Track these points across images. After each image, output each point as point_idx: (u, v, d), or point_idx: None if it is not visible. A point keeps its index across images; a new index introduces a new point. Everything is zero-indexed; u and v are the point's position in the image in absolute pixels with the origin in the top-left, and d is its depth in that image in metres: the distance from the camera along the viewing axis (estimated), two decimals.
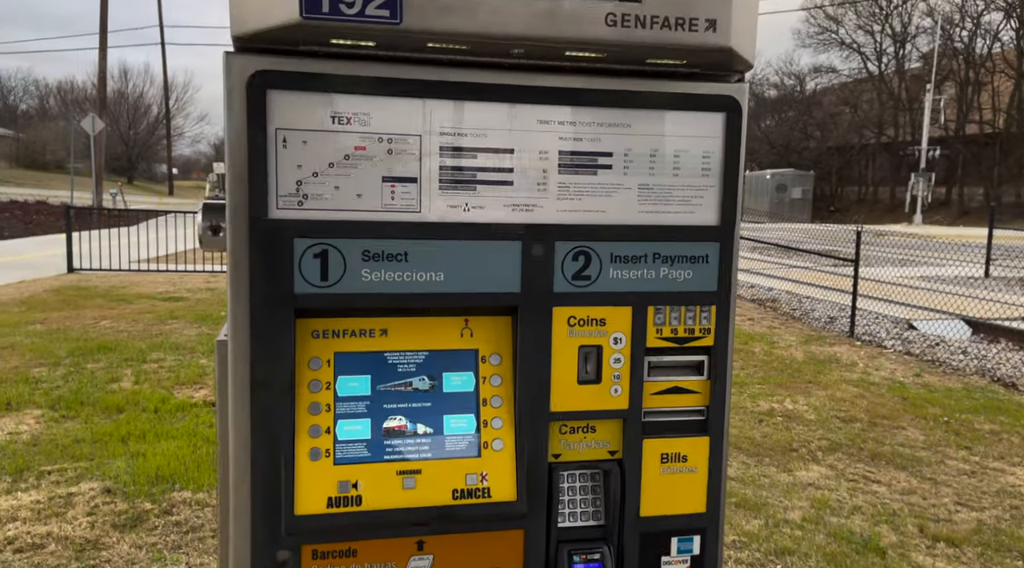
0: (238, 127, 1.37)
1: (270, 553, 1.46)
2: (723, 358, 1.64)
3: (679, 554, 1.66)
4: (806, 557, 4.02)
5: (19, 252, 16.01)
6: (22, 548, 3.76)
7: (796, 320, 11.41)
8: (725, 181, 1.60)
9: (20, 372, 6.68)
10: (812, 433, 6.08)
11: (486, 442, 1.54)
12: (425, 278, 1.48)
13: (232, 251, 1.40)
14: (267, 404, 1.43)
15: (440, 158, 1.47)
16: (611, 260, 1.56)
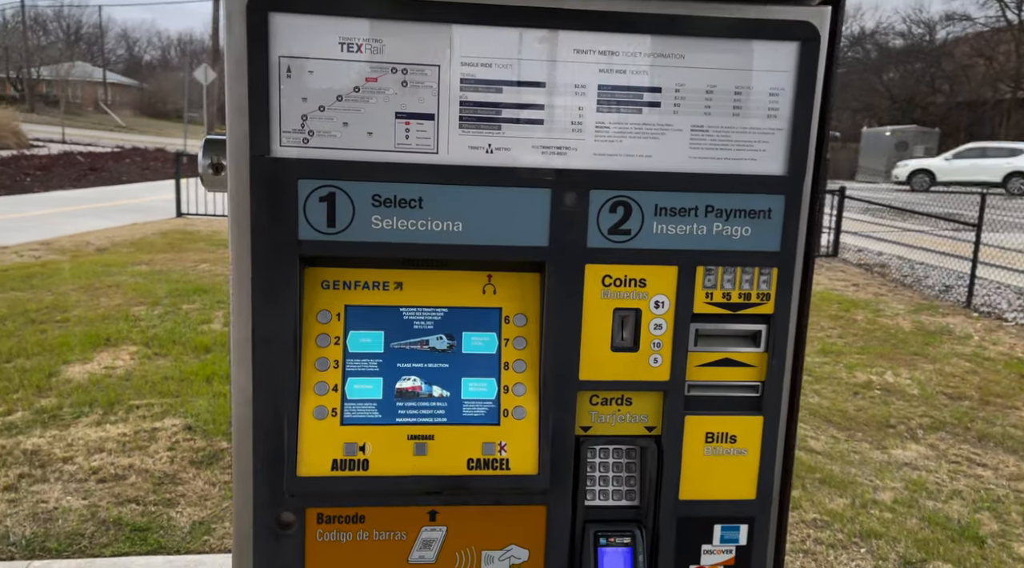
0: (238, 54, 1.25)
1: (273, 514, 1.38)
2: (784, 328, 1.44)
3: (722, 543, 1.48)
4: (894, 542, 3.74)
5: (135, 196, 16.87)
6: (105, 478, 3.93)
7: (906, 287, 10.69)
8: (796, 124, 1.37)
9: (122, 310, 7.01)
10: (913, 409, 5.66)
11: (507, 410, 1.40)
12: (442, 227, 1.34)
13: (232, 192, 1.30)
14: (270, 358, 1.34)
15: (461, 92, 1.31)
16: (655, 212, 1.37)
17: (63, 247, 10.45)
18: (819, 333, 7.73)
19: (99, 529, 3.47)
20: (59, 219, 13.13)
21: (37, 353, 5.74)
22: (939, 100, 44.31)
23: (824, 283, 10.64)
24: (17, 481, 3.87)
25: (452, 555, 1.43)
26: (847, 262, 12.55)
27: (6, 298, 7.34)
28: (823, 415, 5.43)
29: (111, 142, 31.35)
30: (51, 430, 4.46)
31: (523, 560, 1.45)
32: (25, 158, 22.60)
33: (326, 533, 1.40)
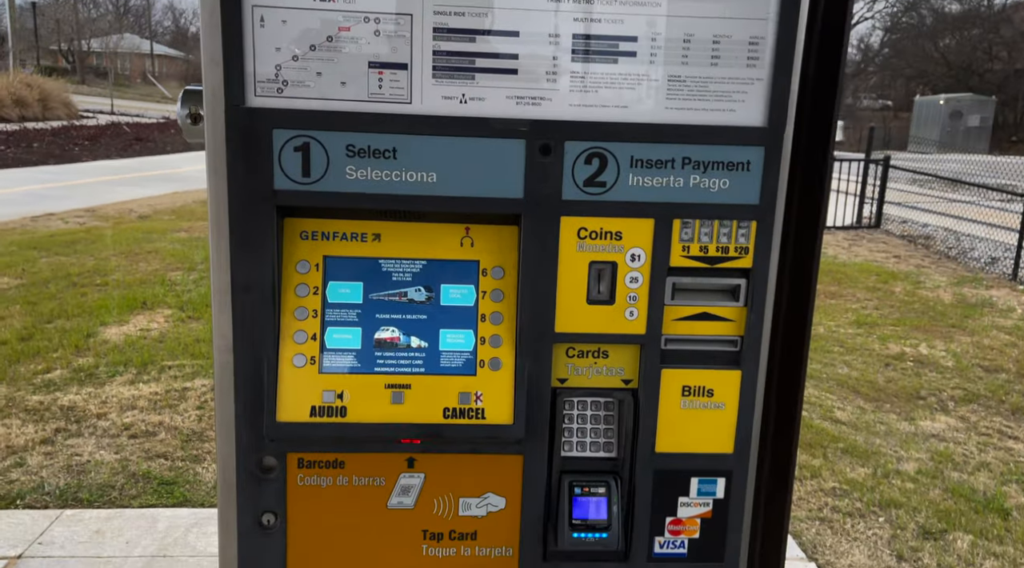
0: (211, 4, 1.26)
1: (255, 458, 1.42)
2: (763, 283, 1.42)
3: (699, 496, 1.49)
4: (914, 512, 3.69)
5: (179, 166, 17.19)
6: (136, 434, 4.07)
7: (950, 260, 10.41)
8: (776, 73, 1.35)
9: (159, 275, 7.20)
10: (946, 381, 5.55)
11: (483, 361, 1.41)
12: (416, 178, 1.34)
13: (209, 142, 1.32)
14: (249, 307, 1.37)
15: (434, 41, 1.31)
16: (631, 164, 1.36)
17: (107, 214, 10.73)
18: (854, 304, 7.60)
19: (129, 482, 3.61)
20: (104, 187, 13.46)
21: (77, 314, 5.93)
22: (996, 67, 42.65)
23: (864, 254, 10.42)
24: (54, 435, 4.03)
25: (430, 501, 1.46)
26: (890, 233, 12.26)
27: (50, 262, 7.59)
28: (851, 386, 5.36)
29: (157, 113, 31.92)
30: (87, 388, 4.63)
31: (500, 508, 1.47)
32: (75, 128, 23.16)
33: (307, 477, 1.44)
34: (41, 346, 5.26)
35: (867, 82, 51.55)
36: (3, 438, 3.96)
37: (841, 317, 7.10)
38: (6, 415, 4.23)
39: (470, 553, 1.48)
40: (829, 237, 11.75)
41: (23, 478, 3.59)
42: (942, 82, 43.25)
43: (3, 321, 5.76)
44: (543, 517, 1.47)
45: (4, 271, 7.19)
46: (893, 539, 3.45)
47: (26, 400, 4.42)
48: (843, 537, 3.47)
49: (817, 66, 1.50)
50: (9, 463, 3.72)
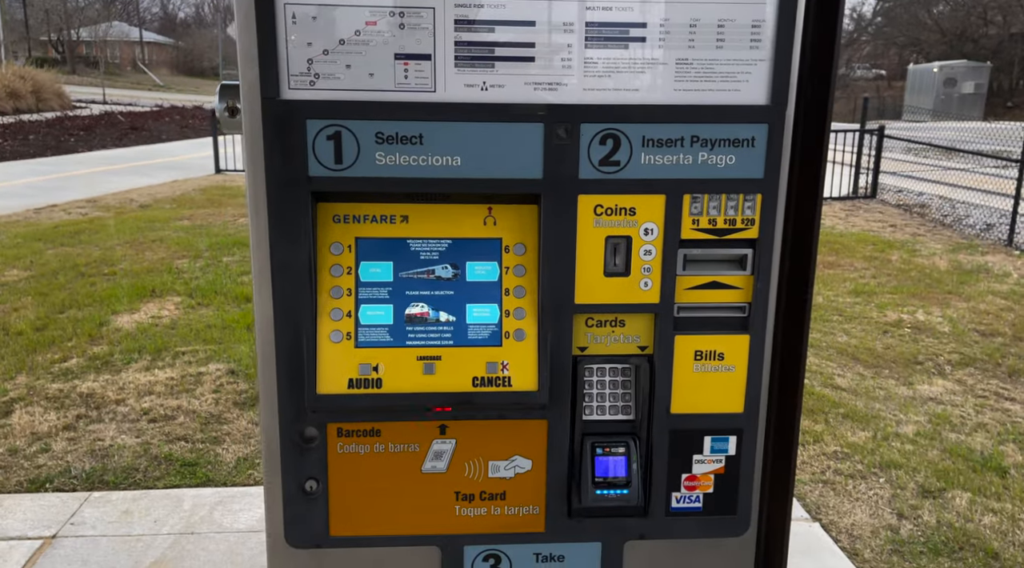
0: (246, 4, 1.35)
1: (297, 429, 1.52)
2: (768, 252, 1.51)
3: (712, 453, 1.59)
4: (913, 472, 3.82)
5: (175, 154, 17.20)
6: (155, 418, 4.18)
7: (946, 227, 10.51)
8: (778, 54, 1.43)
9: (166, 263, 7.28)
10: (943, 346, 5.67)
11: (508, 332, 1.51)
12: (441, 162, 1.43)
13: (247, 133, 1.40)
14: (287, 286, 1.46)
15: (456, 32, 1.39)
16: (643, 144, 1.45)
17: (108, 204, 10.78)
18: (852, 274, 7.70)
19: (151, 464, 3.72)
20: (103, 177, 13.49)
21: (88, 304, 6.02)
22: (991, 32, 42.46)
23: (860, 224, 10.52)
24: (75, 421, 4.13)
25: (461, 465, 1.56)
26: (886, 203, 12.35)
27: (57, 253, 7.66)
28: (851, 354, 5.47)
29: (150, 101, 31.79)
30: (104, 375, 4.73)
31: (527, 469, 1.57)
32: (69, 119, 23.09)
33: (346, 446, 1.54)
34: (56, 336, 5.35)
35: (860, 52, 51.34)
36: (27, 425, 4.06)
37: (839, 286, 7.21)
38: (28, 403, 4.33)
39: (500, 512, 1.59)
40: (826, 208, 11.83)
41: (50, 463, 3.70)
42: (936, 49, 43.09)
43: (17, 312, 5.85)
44: (567, 477, 1.58)
45: (13, 263, 7.27)
46: (893, 498, 3.58)
47: (46, 388, 4.52)
48: (845, 498, 3.59)
49: (814, 45, 1.58)
50: (35, 449, 3.83)
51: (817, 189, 1.61)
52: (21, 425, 4.07)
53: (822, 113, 1.58)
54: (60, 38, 54.16)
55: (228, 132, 1.48)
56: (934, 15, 44.00)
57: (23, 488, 3.48)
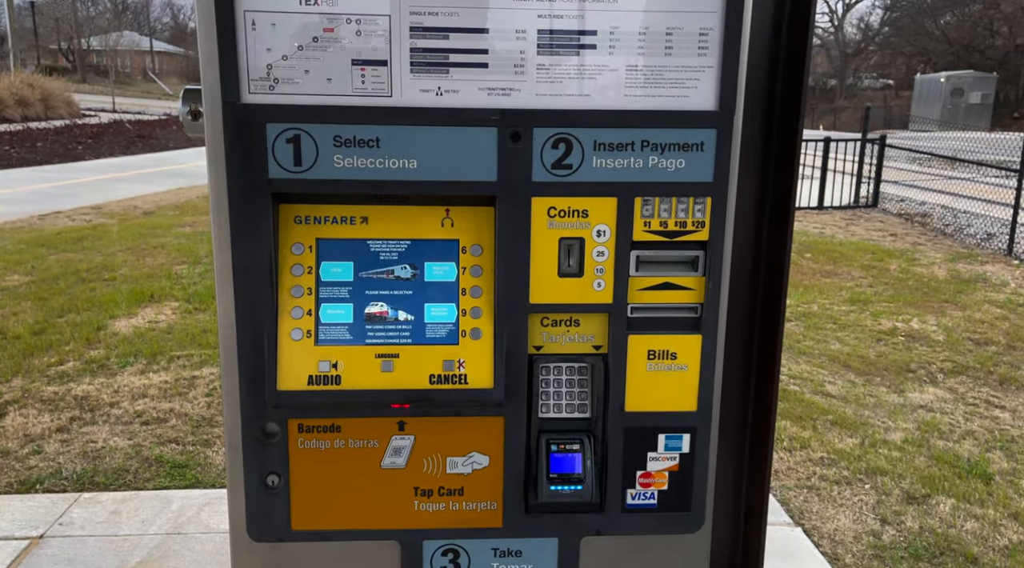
0: (206, 9, 1.39)
1: (258, 425, 1.56)
2: (719, 254, 1.55)
3: (667, 451, 1.62)
4: (899, 478, 3.83)
5: (181, 162, 17.33)
6: (148, 421, 4.22)
7: (947, 236, 10.51)
8: (725, 61, 1.47)
9: (165, 269, 7.35)
10: (936, 354, 5.67)
11: (464, 331, 1.55)
12: (398, 165, 1.47)
13: (208, 136, 1.45)
14: (249, 286, 1.50)
15: (411, 39, 1.43)
16: (594, 148, 1.49)
17: (112, 211, 10.88)
18: (849, 282, 7.71)
19: (142, 466, 3.76)
20: (109, 185, 13.61)
21: (87, 309, 6.08)
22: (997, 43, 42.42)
23: (861, 233, 10.52)
24: (69, 423, 4.18)
25: (420, 461, 1.60)
26: (887, 212, 12.35)
27: (59, 259, 7.74)
28: (842, 361, 5.48)
29: (159, 110, 32.05)
30: (99, 378, 4.78)
31: (484, 465, 1.61)
32: (77, 127, 23.31)
33: (306, 441, 1.57)
34: (54, 339, 5.41)
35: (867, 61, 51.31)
36: (21, 427, 4.12)
37: (836, 295, 7.22)
38: (23, 406, 4.38)
39: (458, 508, 1.62)
40: (826, 217, 11.85)
41: (41, 464, 3.75)
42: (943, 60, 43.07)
43: (16, 316, 5.92)
44: (524, 473, 1.61)
45: (15, 268, 7.35)
46: (878, 504, 3.59)
47: (41, 391, 4.58)
48: (829, 503, 3.60)
49: (787, 49, 1.63)
50: (27, 450, 3.88)
51: (790, 190, 1.65)
52: (14, 427, 4.12)
53: (793, 117, 1.62)
54: (71, 47, 54.66)
55: (191, 135, 1.53)
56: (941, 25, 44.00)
57: (13, 489, 3.53)
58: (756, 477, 1.78)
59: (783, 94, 1.65)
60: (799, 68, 1.60)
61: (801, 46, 1.60)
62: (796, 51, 1.61)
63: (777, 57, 1.65)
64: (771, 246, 1.71)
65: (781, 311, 1.68)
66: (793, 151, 1.64)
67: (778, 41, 1.65)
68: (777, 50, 1.65)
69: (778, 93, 1.66)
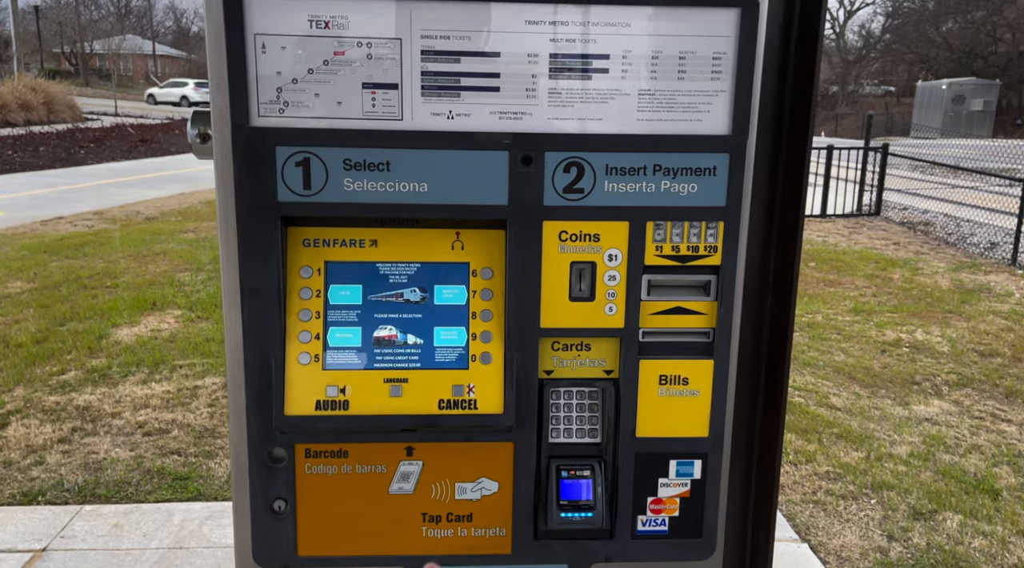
0: (216, 32, 1.38)
1: (265, 449, 1.54)
2: (731, 278, 1.53)
3: (678, 477, 1.60)
4: (905, 493, 3.80)
5: (184, 166, 17.33)
6: (150, 432, 4.21)
7: (949, 245, 10.49)
8: (738, 85, 1.46)
9: (168, 276, 7.34)
10: (940, 366, 5.65)
11: (474, 355, 1.53)
12: (408, 188, 1.46)
13: (217, 159, 1.44)
14: (256, 309, 1.49)
15: (422, 63, 1.42)
16: (606, 172, 1.47)
17: (114, 216, 10.88)
18: (852, 292, 7.69)
19: (144, 478, 3.74)
20: (111, 190, 13.62)
21: (89, 317, 6.07)
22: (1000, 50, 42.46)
23: (864, 242, 10.51)
24: (70, 434, 4.17)
25: (428, 486, 1.58)
26: (890, 221, 12.34)
27: (61, 266, 7.73)
28: (847, 373, 5.46)
29: (161, 114, 32.08)
30: (101, 388, 4.77)
31: (493, 491, 1.59)
32: (80, 131, 23.34)
33: (314, 466, 1.56)
34: (55, 348, 5.40)
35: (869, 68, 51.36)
36: (23, 438, 4.10)
37: (839, 305, 7.20)
38: (25, 416, 4.37)
39: (466, 534, 1.60)
40: (829, 225, 11.84)
41: (43, 476, 3.73)
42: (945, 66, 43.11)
43: (18, 324, 5.90)
44: (533, 499, 1.59)
45: (17, 275, 7.34)
46: (884, 520, 3.57)
47: (43, 401, 4.56)
48: (836, 519, 3.58)
49: (795, 73, 1.61)
50: (29, 461, 3.86)
51: (798, 214, 1.63)
52: (16, 437, 4.10)
53: (801, 140, 1.60)
54: (74, 50, 54.79)
55: (200, 157, 1.52)
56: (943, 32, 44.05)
57: (16, 501, 3.51)
58: (763, 502, 1.76)
59: (791, 114, 1.64)
60: (807, 89, 1.58)
61: (809, 67, 1.58)
62: (804, 72, 1.59)
63: (784, 77, 1.64)
64: (778, 269, 1.69)
65: (788, 335, 1.66)
66: (801, 175, 1.62)
67: (785, 61, 1.63)
68: (784, 71, 1.64)
69: (786, 113, 1.64)
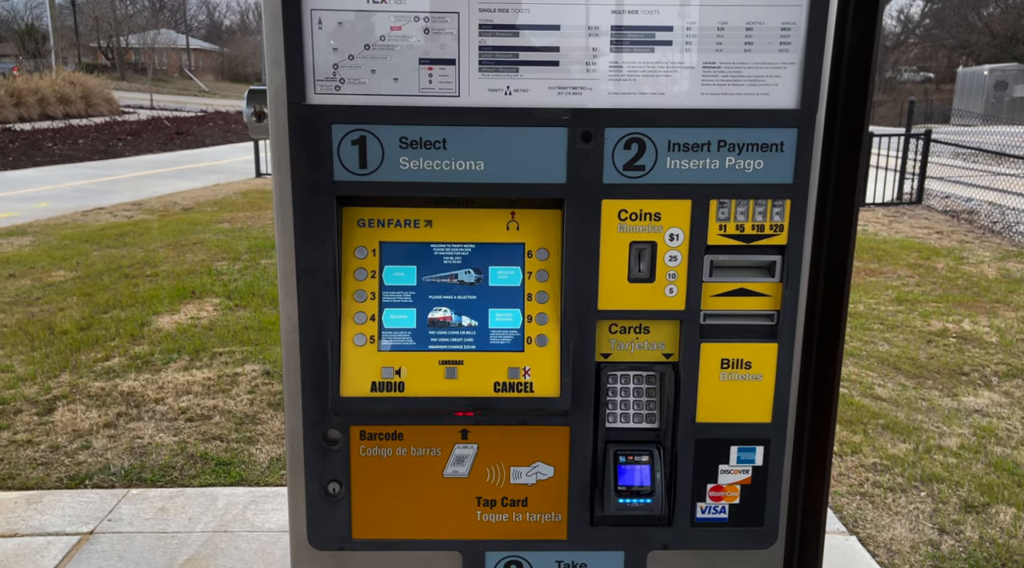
0: (273, 9, 1.36)
1: (320, 431, 1.53)
2: (797, 259, 1.48)
3: (739, 464, 1.56)
4: (957, 486, 3.71)
5: (218, 158, 17.52)
6: (192, 418, 4.25)
7: (995, 234, 10.22)
8: (808, 57, 1.40)
9: (205, 265, 7.41)
10: (989, 357, 5.51)
11: (530, 337, 1.50)
12: (465, 167, 1.43)
13: (273, 137, 1.42)
14: (312, 290, 1.47)
15: (480, 37, 1.39)
16: (668, 148, 1.43)
17: (152, 207, 11.02)
18: (895, 282, 7.53)
19: (188, 462, 3.78)
20: (148, 181, 13.80)
21: (130, 305, 6.15)
22: None
23: (905, 231, 10.28)
24: (116, 419, 4.22)
25: (483, 470, 1.55)
26: (932, 209, 12.06)
27: (102, 255, 7.85)
28: (892, 363, 5.35)
29: (195, 106, 32.47)
30: (144, 374, 4.82)
31: (549, 476, 1.56)
32: (117, 124, 23.70)
33: (368, 449, 1.54)
34: (99, 335, 5.48)
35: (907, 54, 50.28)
36: (70, 423, 4.16)
37: (881, 294, 7.05)
38: (71, 401, 4.44)
39: (521, 519, 1.58)
40: (869, 214, 11.60)
41: (90, 460, 3.78)
42: (986, 52, 42.04)
43: (63, 312, 6.00)
44: (590, 485, 1.56)
45: (60, 264, 7.46)
46: (935, 513, 3.48)
47: (88, 387, 4.63)
48: (884, 511, 3.50)
49: (851, 48, 1.54)
50: (76, 446, 3.92)
51: (853, 196, 1.57)
52: (63, 422, 4.17)
53: (859, 117, 1.54)
54: (110, 45, 55.63)
55: (255, 137, 1.50)
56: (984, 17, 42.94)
57: (63, 484, 3.56)
58: (815, 490, 1.70)
59: (847, 89, 1.57)
60: (866, 61, 1.51)
61: (869, 37, 1.51)
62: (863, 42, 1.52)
63: (841, 50, 1.57)
64: (833, 251, 1.63)
65: (843, 320, 1.61)
66: (857, 150, 1.55)
67: (842, 32, 1.56)
68: (841, 42, 1.57)
69: (841, 88, 1.57)
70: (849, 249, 1.59)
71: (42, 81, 26.66)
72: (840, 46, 1.55)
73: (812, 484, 1.71)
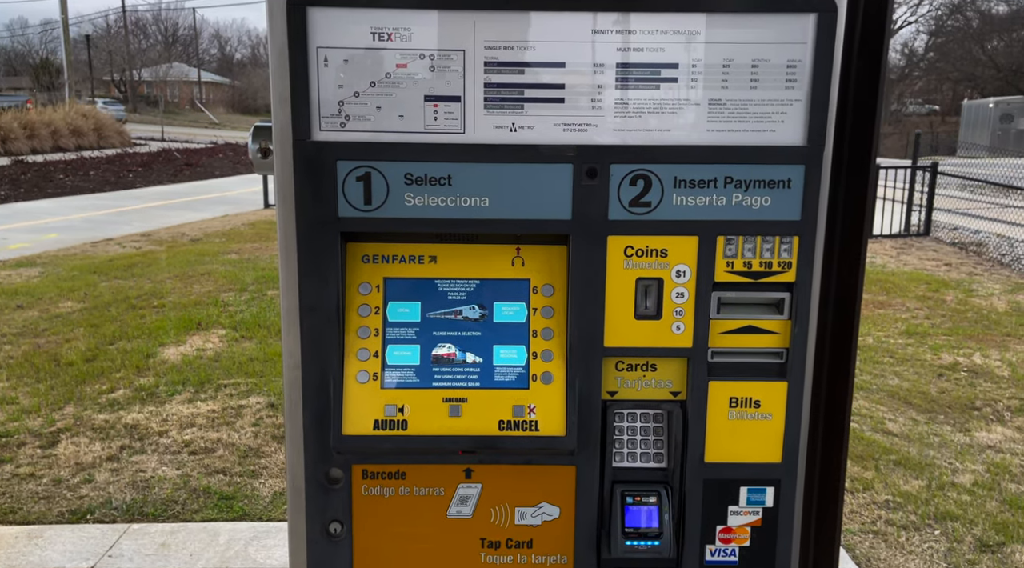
0: (279, 47, 1.37)
1: (322, 469, 1.51)
2: (806, 296, 1.46)
3: (749, 505, 1.53)
4: (971, 524, 3.64)
5: (227, 189, 17.65)
6: (196, 451, 4.22)
7: (1004, 267, 10.17)
8: (814, 94, 1.40)
9: (212, 296, 7.42)
10: (1002, 391, 5.44)
11: (535, 375, 1.48)
12: (470, 203, 1.42)
13: (278, 174, 1.42)
14: (315, 326, 1.46)
15: (485, 75, 1.39)
16: (674, 185, 1.42)
17: (161, 238, 11.08)
18: (904, 314, 7.48)
19: (190, 497, 3.74)
20: (157, 212, 13.90)
21: (137, 336, 6.15)
22: None
23: (913, 263, 10.24)
24: (119, 452, 4.20)
25: (487, 510, 1.52)
26: (940, 241, 12.02)
27: (110, 286, 7.87)
28: (903, 397, 5.28)
29: (205, 138, 32.82)
30: (148, 406, 4.80)
31: (554, 517, 1.53)
32: (128, 156, 23.95)
33: (371, 488, 1.51)
34: (105, 367, 5.47)
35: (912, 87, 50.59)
36: (73, 456, 4.14)
37: (891, 327, 7.00)
38: (75, 434, 4.41)
39: (526, 561, 1.54)
40: (877, 246, 11.57)
41: (92, 494, 3.75)
42: (991, 85, 42.25)
43: (69, 343, 6.00)
44: (596, 526, 1.53)
45: (68, 295, 7.49)
46: (949, 552, 3.41)
47: (92, 419, 4.61)
48: (897, 550, 3.43)
49: (857, 84, 1.54)
50: (79, 479, 3.89)
51: (861, 233, 1.56)
52: (66, 455, 4.14)
53: (866, 153, 1.53)
54: (123, 78, 56.46)
55: (260, 172, 1.50)
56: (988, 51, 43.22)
57: (64, 519, 3.53)
58: (826, 532, 1.67)
59: (854, 126, 1.56)
60: (872, 97, 1.51)
61: (875, 73, 1.51)
62: (869, 78, 1.52)
63: (847, 86, 1.57)
64: (841, 286, 1.62)
65: (852, 357, 1.58)
66: (865, 186, 1.54)
67: (848, 69, 1.56)
68: (847, 79, 1.57)
69: (848, 124, 1.57)
70: (858, 286, 1.57)
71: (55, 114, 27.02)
72: (846, 83, 1.55)
73: (823, 525, 1.67)
